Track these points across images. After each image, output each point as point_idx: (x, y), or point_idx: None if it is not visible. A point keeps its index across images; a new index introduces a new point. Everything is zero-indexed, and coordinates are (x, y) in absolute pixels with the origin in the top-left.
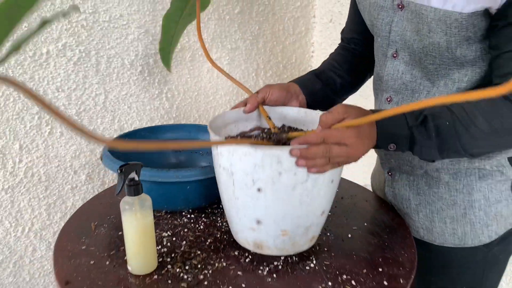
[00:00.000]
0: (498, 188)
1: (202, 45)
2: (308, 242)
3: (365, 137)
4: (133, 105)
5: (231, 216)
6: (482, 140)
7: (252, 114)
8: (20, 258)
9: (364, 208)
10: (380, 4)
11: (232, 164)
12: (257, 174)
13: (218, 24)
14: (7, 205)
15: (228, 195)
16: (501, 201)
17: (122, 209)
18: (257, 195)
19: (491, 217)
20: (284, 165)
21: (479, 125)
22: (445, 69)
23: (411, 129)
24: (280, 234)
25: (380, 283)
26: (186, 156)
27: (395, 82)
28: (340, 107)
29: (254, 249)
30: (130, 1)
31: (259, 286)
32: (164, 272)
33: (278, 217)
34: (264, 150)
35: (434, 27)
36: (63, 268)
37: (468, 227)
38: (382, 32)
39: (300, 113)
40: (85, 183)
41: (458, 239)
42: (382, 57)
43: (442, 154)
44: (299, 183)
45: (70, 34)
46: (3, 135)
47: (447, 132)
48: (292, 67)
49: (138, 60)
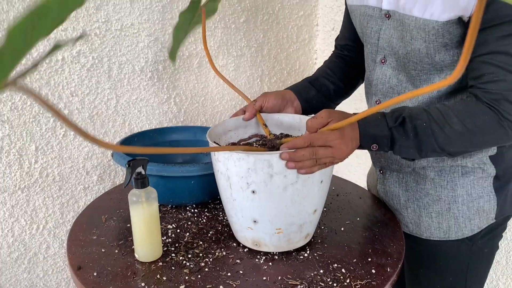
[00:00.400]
0: (480, 184)
1: (207, 54)
2: (302, 239)
3: (349, 139)
4: (143, 109)
5: (230, 216)
6: (457, 139)
7: (251, 122)
8: (34, 255)
9: (357, 204)
10: (369, 13)
11: (228, 168)
12: (251, 177)
13: (224, 33)
14: (23, 204)
15: (227, 198)
16: (483, 196)
17: (129, 201)
18: (252, 196)
19: (473, 212)
20: (275, 168)
21: (453, 125)
22: (426, 74)
23: (391, 130)
24: (275, 232)
25: (369, 271)
26: (191, 155)
27: (383, 86)
28: (324, 112)
29: (253, 246)
30: (141, 11)
31: (256, 272)
32: (168, 259)
33: (272, 216)
34: (255, 155)
35: (415, 34)
36: (75, 255)
37: (452, 221)
38: (371, 40)
39: (295, 119)
40: (97, 183)
41: (443, 233)
42: (372, 62)
43: (421, 153)
44: (290, 184)
45: (84, 41)
46: (20, 137)
47: (424, 132)
48: (296, 73)
49: (148, 67)
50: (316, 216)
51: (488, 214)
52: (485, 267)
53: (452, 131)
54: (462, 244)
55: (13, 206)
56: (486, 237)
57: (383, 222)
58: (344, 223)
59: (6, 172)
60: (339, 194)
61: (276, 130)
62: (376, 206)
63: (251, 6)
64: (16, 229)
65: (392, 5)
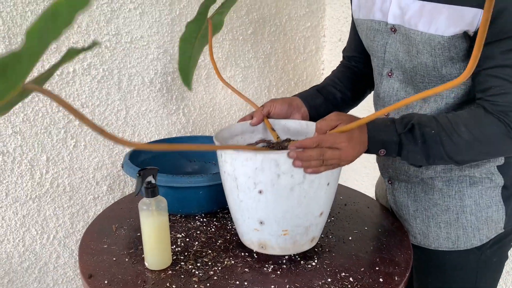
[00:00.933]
0: (488, 194)
1: (213, 64)
2: (308, 242)
3: (356, 142)
4: (152, 120)
5: (236, 219)
6: (464, 148)
7: (258, 127)
8: (45, 265)
9: (365, 213)
10: (375, 27)
11: (235, 169)
12: (258, 177)
13: (232, 44)
14: (34, 214)
15: (233, 199)
16: (491, 206)
17: (140, 209)
18: (258, 197)
19: (481, 221)
20: (282, 168)
21: (461, 134)
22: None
23: (400, 136)
24: (282, 234)
25: (376, 280)
26: (199, 166)
27: (390, 99)
28: (333, 115)
29: (259, 249)
30: (150, 24)
31: (264, 281)
32: (177, 268)
33: (278, 217)
34: (263, 154)
35: (421, 48)
36: (86, 264)
37: (460, 231)
38: (377, 53)
39: (302, 125)
40: (106, 194)
41: (452, 243)
42: (378, 76)
43: (428, 160)
44: (296, 185)
45: (95, 54)
46: (32, 148)
47: (432, 139)
48: (303, 84)
49: (157, 78)
50: (322, 219)
51: (497, 224)
52: (494, 277)
53: (460, 139)
54: (471, 254)
55: (24, 216)
56: (495, 247)
57: (390, 231)
58: (352, 232)
59: (18, 182)
60: (347, 203)
61: (283, 136)
62: (383, 216)
63: (259, 18)
64: (27, 239)
65: (397, 19)
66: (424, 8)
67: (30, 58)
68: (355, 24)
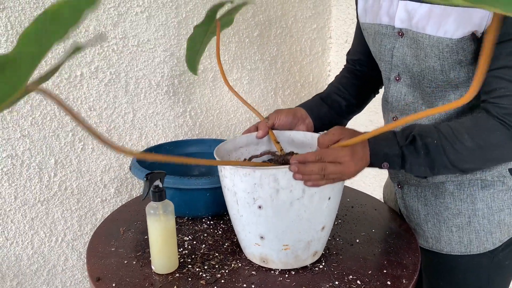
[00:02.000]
0: (500, 197)
1: (220, 69)
2: (310, 256)
3: (358, 157)
4: (159, 122)
5: (238, 233)
6: (468, 156)
7: (263, 139)
8: (53, 267)
9: (372, 216)
10: (383, 32)
11: (234, 184)
12: (257, 192)
13: (238, 47)
14: (43, 216)
15: (234, 214)
16: (504, 209)
17: (147, 213)
18: (258, 212)
19: (494, 225)
20: (281, 183)
21: (464, 142)
22: (442, 91)
23: (402, 149)
24: (283, 249)
25: (384, 283)
26: (206, 168)
27: (398, 103)
28: (336, 129)
29: (260, 263)
30: (157, 27)
31: (271, 284)
32: (185, 271)
33: (279, 232)
34: (262, 170)
35: (429, 52)
36: (94, 267)
37: (473, 234)
38: (385, 58)
39: (307, 136)
40: (114, 196)
41: (464, 247)
42: (386, 80)
43: (433, 170)
44: (296, 199)
45: (102, 57)
46: (40, 151)
47: (435, 149)
48: (310, 85)
49: (164, 81)
50: (325, 233)
51: (509, 227)
52: (506, 280)
53: (463, 147)
54: (483, 258)
55: (33, 219)
56: (507, 249)
57: (398, 234)
58: (359, 235)
59: (26, 185)
60: (354, 206)
61: (288, 148)
62: (391, 218)
63: (265, 20)
64: (36, 242)
65: (405, 23)
66: (432, 11)
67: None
68: (361, 28)
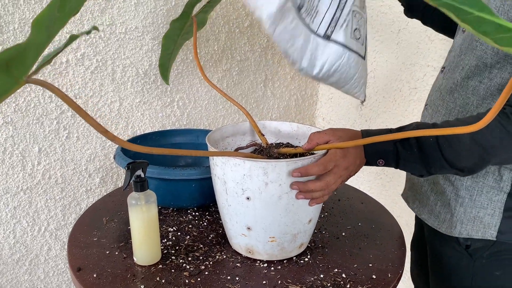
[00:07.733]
0: (489, 196)
1: (198, 64)
2: (296, 248)
3: (352, 156)
4: (146, 112)
5: (225, 222)
6: (465, 153)
7: (249, 129)
8: (35, 257)
9: (359, 209)
10: None
11: (225, 173)
12: (246, 183)
13: (228, 37)
14: (25, 205)
15: (223, 203)
16: (487, 208)
17: (129, 203)
18: (246, 203)
19: (468, 218)
20: (270, 176)
21: (461, 139)
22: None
23: (396, 145)
24: (269, 240)
25: (369, 276)
26: (193, 159)
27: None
28: (329, 130)
29: (246, 253)
30: (145, 14)
31: (255, 276)
32: (168, 262)
33: (266, 224)
34: (252, 162)
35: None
36: (76, 257)
37: (448, 215)
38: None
39: (293, 127)
40: (99, 186)
41: (438, 222)
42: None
43: (428, 168)
44: (284, 193)
45: (89, 44)
46: (24, 139)
47: (429, 146)
48: (300, 78)
49: (152, 70)
50: (311, 226)
51: (487, 228)
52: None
53: (460, 144)
54: (463, 257)
55: (15, 208)
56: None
57: (384, 228)
58: (345, 228)
59: (9, 173)
60: (341, 198)
61: (274, 138)
62: (378, 212)
63: None
64: (18, 231)
65: None
66: None
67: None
68: None
